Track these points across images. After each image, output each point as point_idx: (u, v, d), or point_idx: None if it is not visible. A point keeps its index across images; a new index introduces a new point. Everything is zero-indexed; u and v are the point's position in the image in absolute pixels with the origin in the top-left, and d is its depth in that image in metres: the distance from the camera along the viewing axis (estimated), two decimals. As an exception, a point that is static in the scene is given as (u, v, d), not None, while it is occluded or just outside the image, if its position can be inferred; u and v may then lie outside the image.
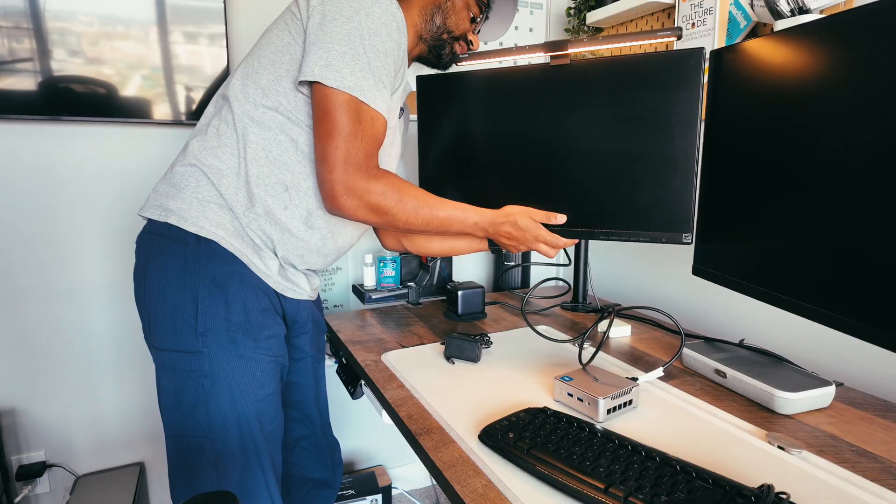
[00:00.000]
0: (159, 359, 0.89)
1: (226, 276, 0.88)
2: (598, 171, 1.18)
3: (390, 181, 0.90)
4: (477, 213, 1.00)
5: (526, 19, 1.80)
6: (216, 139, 0.90)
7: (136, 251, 0.93)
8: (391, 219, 0.91)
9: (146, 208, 0.92)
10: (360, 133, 0.85)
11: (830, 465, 0.71)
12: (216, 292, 0.87)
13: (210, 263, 0.87)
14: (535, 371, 1.01)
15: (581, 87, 1.18)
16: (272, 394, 0.94)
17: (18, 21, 1.22)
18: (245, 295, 0.90)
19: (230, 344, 0.88)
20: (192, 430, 0.88)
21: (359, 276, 1.71)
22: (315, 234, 0.95)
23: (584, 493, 0.61)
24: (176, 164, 0.92)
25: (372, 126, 0.87)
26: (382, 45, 0.86)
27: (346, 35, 0.84)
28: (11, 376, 1.36)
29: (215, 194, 0.88)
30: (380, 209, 0.89)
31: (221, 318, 0.87)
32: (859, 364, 1.07)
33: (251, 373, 0.90)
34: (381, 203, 0.88)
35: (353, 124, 0.85)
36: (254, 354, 0.90)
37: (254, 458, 0.90)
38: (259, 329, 0.91)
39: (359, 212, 0.88)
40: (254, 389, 0.90)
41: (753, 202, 0.90)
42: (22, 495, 1.37)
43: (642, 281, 1.63)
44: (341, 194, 0.85)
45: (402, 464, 1.90)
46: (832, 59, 0.74)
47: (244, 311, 0.89)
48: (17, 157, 1.30)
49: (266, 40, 0.92)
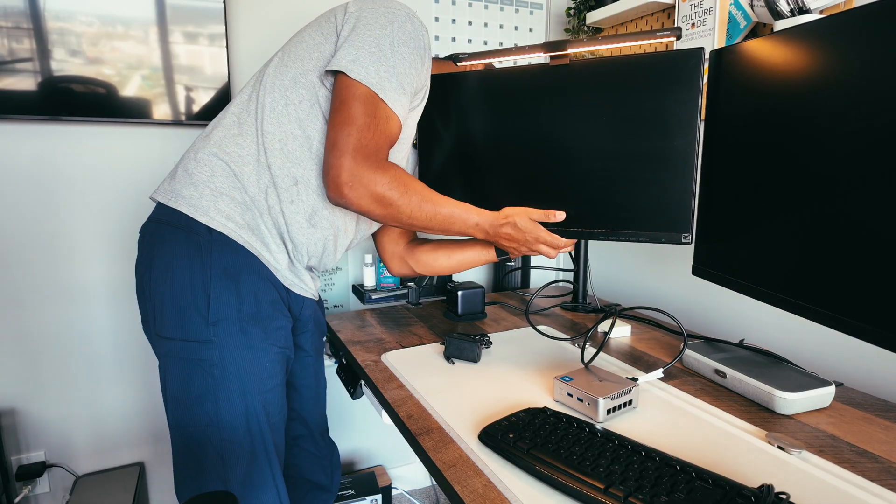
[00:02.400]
0: (165, 348, 0.89)
1: (237, 266, 0.88)
2: (597, 172, 1.18)
3: (397, 173, 0.90)
4: (478, 214, 1.00)
5: (526, 19, 1.80)
6: (237, 128, 0.91)
7: (140, 241, 0.93)
8: (395, 211, 0.90)
9: (158, 192, 0.92)
10: (374, 126, 0.86)
11: (830, 466, 0.71)
12: (228, 282, 0.87)
13: (222, 254, 0.87)
14: (534, 371, 1.01)
15: (581, 87, 1.18)
16: (279, 385, 0.94)
17: (18, 21, 1.22)
18: (256, 286, 0.90)
19: (241, 334, 0.88)
20: (199, 419, 0.87)
21: (359, 276, 1.71)
22: (317, 233, 0.95)
23: (583, 494, 0.61)
24: (196, 151, 0.91)
25: (387, 123, 0.88)
26: (409, 55, 0.90)
27: (376, 39, 0.87)
28: (11, 376, 1.36)
29: (230, 186, 0.89)
30: (384, 200, 0.88)
31: (233, 307, 0.87)
32: (859, 364, 1.07)
33: (261, 363, 0.90)
34: (386, 194, 0.88)
35: (368, 116, 0.85)
36: (263, 345, 0.90)
37: (261, 449, 0.90)
38: (269, 320, 0.91)
39: (362, 201, 0.87)
40: (262, 380, 0.90)
41: (753, 202, 0.90)
42: (22, 495, 1.37)
43: (642, 281, 1.63)
44: (346, 181, 0.85)
45: (402, 464, 1.90)
46: (832, 59, 0.74)
47: (255, 301, 0.90)
48: (17, 157, 1.30)
49: (298, 38, 0.94)
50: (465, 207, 0.99)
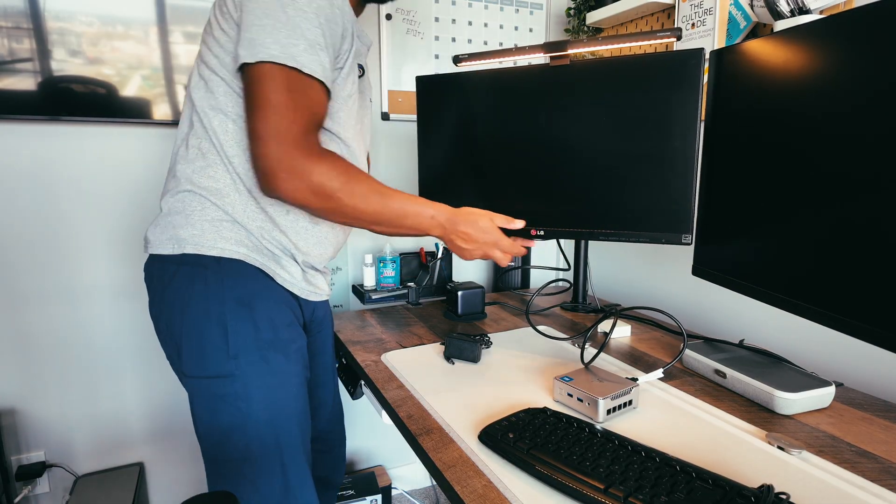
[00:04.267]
0: (190, 386, 0.87)
1: (250, 293, 0.85)
2: (597, 172, 1.18)
3: (335, 162, 0.82)
4: (434, 207, 0.92)
5: (526, 19, 1.80)
6: (201, 159, 0.85)
7: (148, 281, 0.90)
8: (336, 204, 0.82)
9: (155, 245, 0.86)
10: (292, 104, 0.77)
11: (830, 466, 0.71)
12: (243, 312, 0.84)
13: (234, 284, 0.84)
14: (534, 371, 1.01)
15: (581, 87, 1.18)
16: (305, 404, 0.93)
17: (18, 21, 1.22)
18: (271, 311, 0.87)
19: (262, 362, 0.85)
20: (231, 453, 0.85)
21: (359, 277, 1.71)
22: (323, 225, 0.93)
23: (583, 494, 0.61)
24: (173, 193, 0.87)
25: (305, 95, 0.78)
26: (308, 5, 0.78)
27: (265, 9, 0.77)
28: (11, 376, 1.36)
29: (221, 216, 0.85)
30: (324, 191, 0.79)
31: (251, 337, 0.85)
32: (859, 364, 1.07)
33: (286, 388, 0.88)
34: (326, 184, 0.79)
35: (279, 93, 0.76)
36: (286, 370, 0.88)
37: (294, 476, 0.88)
38: (288, 342, 0.89)
39: (299, 193, 0.79)
40: (289, 403, 0.89)
41: (753, 202, 0.90)
42: (22, 495, 1.37)
43: (642, 281, 1.63)
44: (278, 172, 0.77)
45: (402, 464, 1.90)
46: (832, 59, 0.74)
47: (272, 327, 0.87)
48: (17, 157, 1.30)
49: (211, 42, 0.85)
50: (418, 200, 0.91)
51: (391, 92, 1.65)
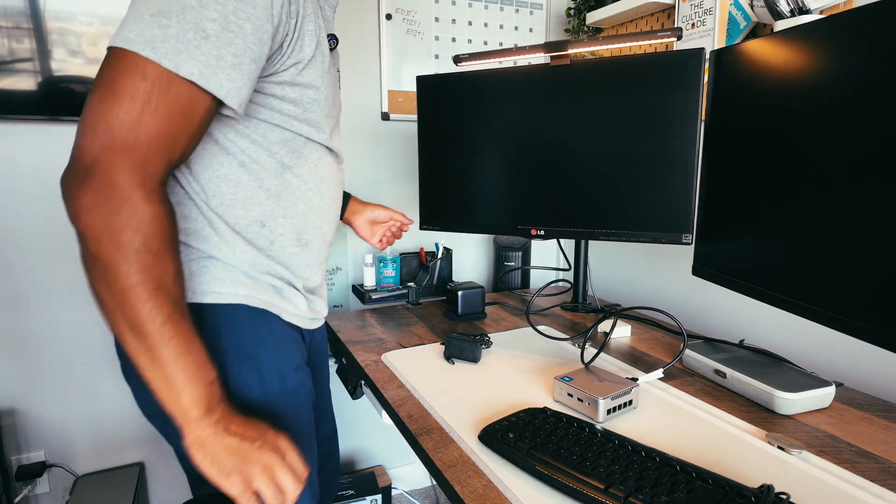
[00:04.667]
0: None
1: (253, 343, 0.77)
2: (598, 172, 1.18)
3: (167, 215, 0.61)
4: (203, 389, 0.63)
5: (526, 19, 1.80)
6: (172, 196, 0.71)
7: None
8: (110, 267, 0.59)
9: None
10: (134, 96, 0.57)
11: (830, 466, 0.71)
12: (247, 365, 0.77)
13: (234, 335, 0.75)
14: (534, 371, 1.01)
15: (581, 87, 1.18)
16: (313, 452, 0.87)
17: (18, 21, 1.22)
18: (278, 358, 0.80)
19: (271, 419, 0.76)
20: None
21: (359, 277, 1.71)
22: (310, 248, 0.84)
23: (583, 494, 0.61)
24: None
25: (163, 96, 0.58)
26: None
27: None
28: (11, 376, 1.36)
29: (208, 259, 0.74)
30: (119, 244, 0.59)
31: (257, 391, 0.77)
32: (859, 364, 1.07)
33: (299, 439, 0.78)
34: (131, 238, 0.58)
35: (122, 82, 0.57)
36: (295, 422, 0.81)
37: None
38: (296, 391, 0.82)
39: (89, 229, 0.62)
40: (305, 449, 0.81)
41: (753, 202, 0.90)
42: (22, 495, 1.37)
43: (642, 281, 1.63)
44: (86, 182, 0.61)
45: (402, 464, 1.90)
46: (832, 59, 0.74)
47: (280, 377, 0.79)
48: (17, 157, 1.30)
49: None
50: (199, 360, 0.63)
51: (391, 92, 1.65)
